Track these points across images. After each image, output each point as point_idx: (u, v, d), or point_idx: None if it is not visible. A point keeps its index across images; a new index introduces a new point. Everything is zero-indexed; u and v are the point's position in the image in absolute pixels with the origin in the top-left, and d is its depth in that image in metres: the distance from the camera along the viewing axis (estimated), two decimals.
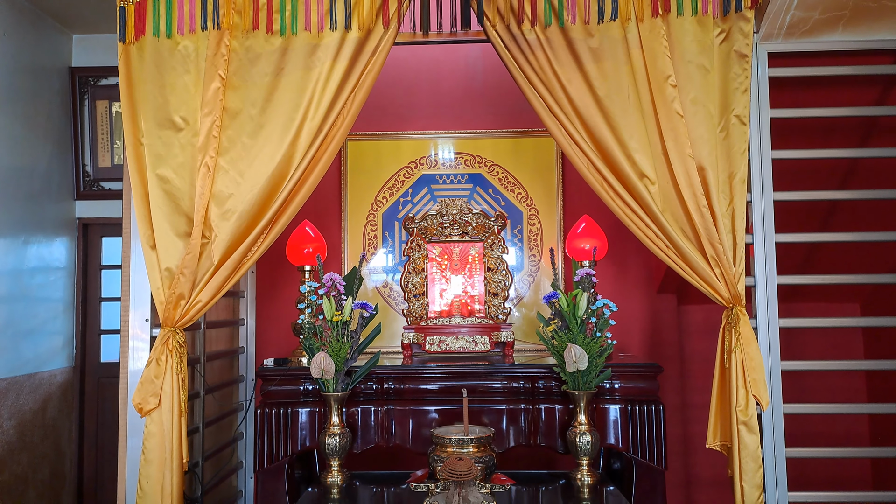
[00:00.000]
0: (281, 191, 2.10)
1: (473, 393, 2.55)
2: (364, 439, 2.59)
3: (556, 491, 2.43)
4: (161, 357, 2.06)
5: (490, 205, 3.35)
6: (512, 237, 3.33)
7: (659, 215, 2.07)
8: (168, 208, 2.09)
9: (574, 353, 2.35)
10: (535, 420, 2.57)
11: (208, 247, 2.08)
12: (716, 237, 2.05)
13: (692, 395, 3.23)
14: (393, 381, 2.65)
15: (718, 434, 2.14)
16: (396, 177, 3.38)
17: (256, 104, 2.11)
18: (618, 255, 3.23)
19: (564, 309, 2.45)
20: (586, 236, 2.79)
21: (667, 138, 2.07)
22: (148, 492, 2.02)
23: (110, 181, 4.07)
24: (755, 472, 2.02)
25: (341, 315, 2.47)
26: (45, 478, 3.90)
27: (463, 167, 3.37)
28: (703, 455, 3.15)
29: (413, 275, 2.97)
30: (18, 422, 3.66)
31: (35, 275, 3.84)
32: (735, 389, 2.03)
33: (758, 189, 2.17)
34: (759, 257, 2.17)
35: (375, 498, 2.41)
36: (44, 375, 3.88)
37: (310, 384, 2.63)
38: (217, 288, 2.10)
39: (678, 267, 2.11)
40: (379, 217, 3.37)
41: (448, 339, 2.86)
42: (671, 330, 3.25)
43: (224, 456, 2.88)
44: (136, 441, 2.13)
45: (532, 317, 3.27)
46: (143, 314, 2.21)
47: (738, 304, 2.08)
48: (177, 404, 2.06)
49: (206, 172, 2.07)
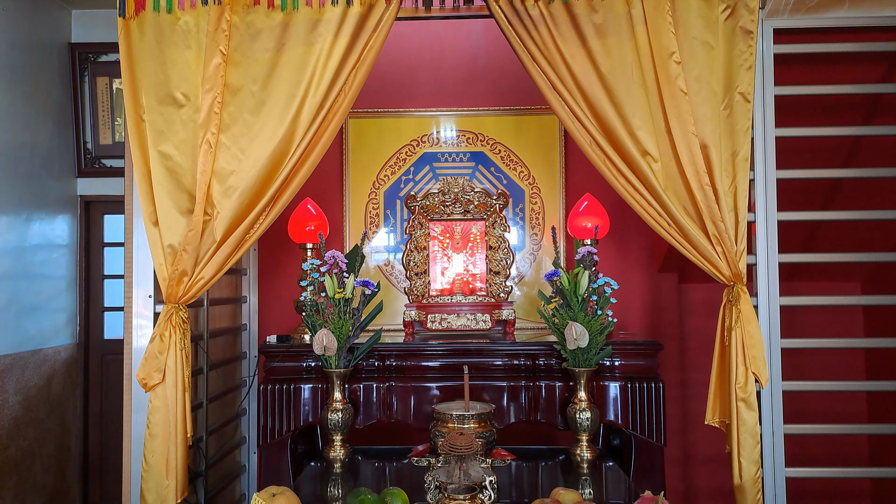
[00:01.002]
0: (283, 168, 2.10)
1: (475, 370, 2.57)
2: (366, 415, 2.62)
3: (555, 466, 2.46)
4: (164, 333, 2.08)
5: (492, 183, 3.34)
6: (514, 215, 3.33)
7: (661, 193, 2.07)
8: (170, 185, 2.09)
9: (575, 331, 2.37)
10: (536, 397, 2.60)
11: (210, 224, 2.08)
12: (718, 215, 2.05)
13: (692, 373, 3.25)
14: (395, 357, 2.67)
15: (717, 411, 2.16)
16: (398, 155, 3.37)
17: (258, 80, 2.10)
18: (619, 234, 3.23)
19: (566, 287, 2.46)
20: (588, 215, 2.79)
21: (670, 115, 2.06)
22: (153, 465, 2.05)
23: (112, 158, 4.06)
24: (753, 448, 2.04)
25: (343, 292, 2.48)
26: (51, 452, 3.95)
27: (465, 145, 3.36)
28: (701, 432, 3.19)
29: (415, 253, 2.98)
30: (24, 397, 3.70)
31: (38, 252, 3.85)
32: (735, 367, 2.05)
33: (760, 167, 2.16)
34: (761, 235, 2.17)
35: (377, 472, 2.44)
36: (48, 352, 3.91)
37: (312, 361, 2.65)
38: (220, 265, 2.11)
39: (680, 245, 2.11)
40: (381, 195, 3.36)
41: (449, 317, 2.87)
42: (672, 308, 3.26)
43: (227, 431, 2.92)
44: (140, 417, 2.15)
45: (533, 295, 3.28)
46: (146, 291, 2.22)
47: (738, 282, 2.08)
48: (180, 380, 2.08)
49: (207, 149, 2.06)
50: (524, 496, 2.17)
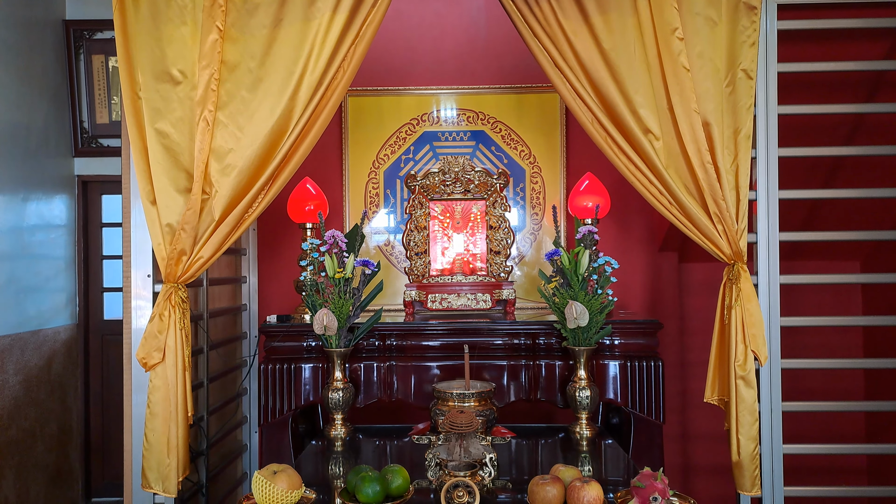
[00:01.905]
0: (281, 146, 2.08)
1: (475, 349, 2.57)
2: (367, 394, 2.63)
3: (555, 444, 2.48)
4: (164, 312, 2.07)
5: (493, 162, 3.32)
6: (514, 195, 3.31)
7: (663, 171, 2.06)
8: (167, 163, 2.07)
9: (575, 310, 2.37)
10: (536, 376, 2.61)
11: (209, 203, 2.07)
12: (719, 193, 2.04)
13: (691, 352, 3.26)
14: (395, 337, 2.67)
15: (716, 389, 2.17)
16: (398, 134, 3.34)
17: (255, 57, 2.07)
18: (620, 214, 3.22)
19: (566, 266, 2.45)
20: (589, 194, 2.77)
21: (672, 93, 2.04)
22: (154, 444, 2.06)
23: (109, 138, 4.03)
24: (751, 425, 2.06)
25: (343, 272, 2.47)
26: (52, 432, 3.97)
27: (465, 124, 3.33)
28: (699, 410, 3.21)
29: (415, 233, 2.97)
30: (24, 377, 3.71)
31: (35, 232, 3.84)
32: (734, 345, 2.05)
33: (762, 145, 2.15)
34: (762, 214, 2.16)
35: (378, 450, 2.46)
36: (48, 332, 3.92)
37: (313, 340, 2.65)
38: (218, 244, 2.10)
39: (680, 223, 2.10)
40: (381, 175, 3.34)
41: (450, 297, 2.87)
42: (672, 288, 3.26)
43: (228, 410, 2.93)
44: (141, 397, 2.15)
45: (533, 275, 3.28)
46: (144, 270, 2.21)
47: (739, 260, 2.08)
48: (181, 359, 2.08)
49: (205, 127, 2.04)
50: (524, 473, 2.18)
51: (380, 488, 1.68)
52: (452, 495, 1.71)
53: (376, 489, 1.67)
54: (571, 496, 1.63)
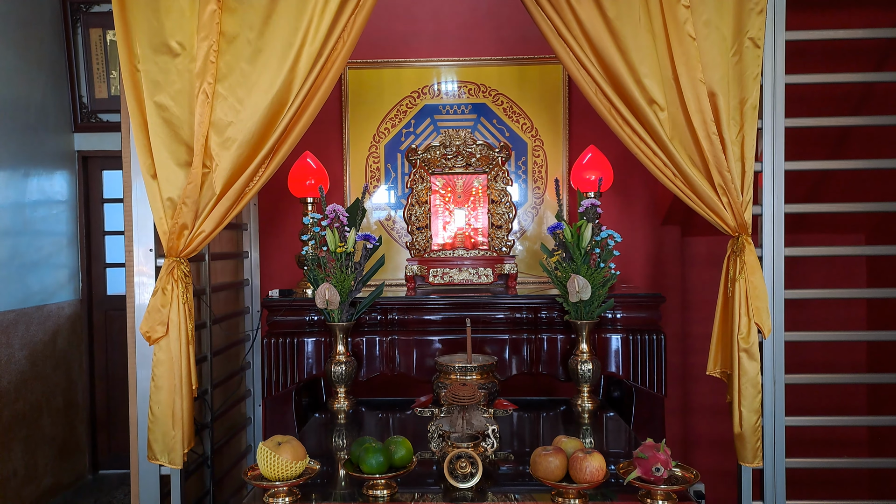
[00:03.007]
0: (281, 119, 2.05)
1: (476, 324, 2.57)
2: (369, 368, 2.64)
3: (556, 416, 2.49)
4: (167, 287, 2.07)
5: (494, 136, 3.29)
6: (516, 169, 3.29)
7: (667, 143, 2.03)
8: (167, 137, 2.05)
9: (577, 284, 2.36)
10: (538, 349, 2.61)
11: (210, 176, 2.05)
12: (724, 165, 2.01)
13: (693, 326, 3.26)
14: (397, 311, 2.68)
15: (719, 361, 2.17)
16: (399, 107, 3.31)
17: (254, 28, 2.03)
18: (623, 187, 3.20)
19: (568, 240, 2.44)
20: (592, 167, 2.75)
21: (678, 62, 2.00)
22: (159, 417, 2.07)
23: (108, 113, 4.00)
24: (754, 397, 2.06)
25: (345, 247, 2.47)
26: (59, 406, 4.01)
27: (466, 97, 3.29)
28: (701, 384, 3.22)
29: (416, 207, 2.95)
30: (30, 352, 3.73)
31: (37, 208, 3.84)
32: (738, 317, 2.04)
33: (769, 115, 2.11)
34: (768, 185, 2.13)
35: (381, 423, 2.48)
36: (52, 308, 3.94)
37: (315, 315, 2.66)
38: (220, 218, 2.09)
39: (685, 196, 2.08)
40: (381, 149, 3.32)
41: (451, 272, 2.87)
42: (674, 262, 3.25)
43: (232, 384, 2.95)
44: (145, 372, 2.16)
45: (535, 250, 3.27)
46: (146, 245, 2.20)
47: (744, 232, 2.06)
48: (184, 333, 2.08)
49: (204, 100, 2.01)
50: (526, 445, 2.20)
51: (383, 459, 1.69)
52: (455, 466, 1.72)
53: (380, 460, 1.68)
54: (574, 467, 1.63)
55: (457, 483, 1.71)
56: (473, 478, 1.71)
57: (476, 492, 1.71)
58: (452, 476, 1.72)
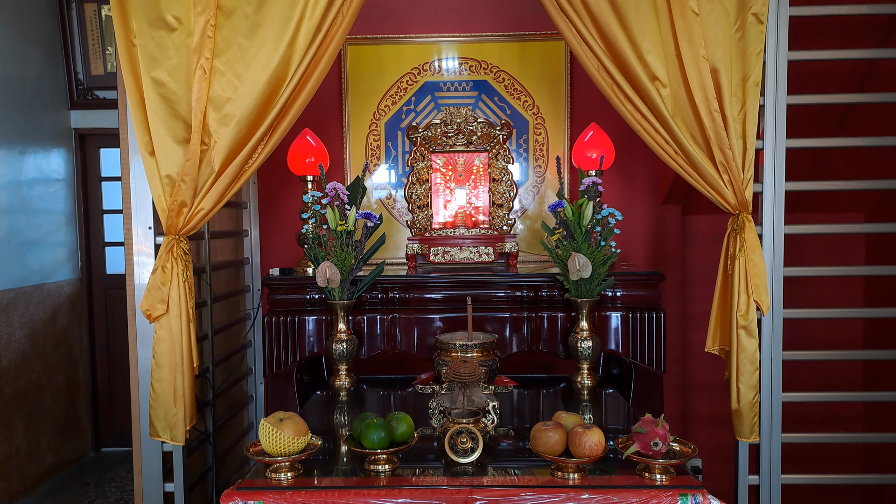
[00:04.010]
0: (280, 95, 2.04)
1: (477, 302, 2.58)
2: (370, 346, 2.66)
3: (556, 393, 2.51)
4: (167, 265, 2.07)
5: (495, 113, 3.26)
6: (517, 147, 3.27)
7: (669, 120, 2.02)
8: (165, 113, 2.04)
9: (578, 262, 2.37)
10: (538, 327, 2.62)
11: (208, 153, 2.04)
12: (726, 142, 2.00)
13: (692, 304, 3.28)
14: (398, 290, 2.68)
15: (718, 338, 2.18)
16: (399, 84, 3.28)
17: (251, 1, 2.00)
18: (624, 165, 3.19)
19: (569, 218, 2.44)
20: (594, 145, 2.74)
21: (680, 38, 1.98)
22: (160, 394, 2.08)
23: (104, 90, 3.96)
24: (752, 374, 2.07)
25: (345, 225, 2.46)
26: (60, 384, 4.03)
27: (467, 73, 3.26)
28: (700, 361, 3.24)
29: (417, 186, 2.94)
30: (30, 331, 3.74)
31: (34, 186, 3.82)
32: (737, 295, 2.05)
33: (771, 92, 2.10)
34: (769, 163, 2.13)
35: (382, 400, 2.49)
36: (51, 286, 3.94)
37: (316, 293, 2.66)
38: (219, 196, 2.08)
39: (686, 173, 2.07)
40: (381, 126, 3.29)
41: (452, 250, 2.87)
42: (674, 240, 3.25)
43: (234, 362, 2.96)
44: (146, 351, 2.17)
45: (536, 228, 3.27)
46: (145, 222, 2.20)
47: (744, 210, 2.06)
48: (184, 310, 2.08)
49: (202, 75, 1.99)
50: (526, 421, 2.22)
51: (384, 434, 1.70)
52: (456, 441, 1.74)
53: (381, 435, 1.70)
54: (573, 441, 1.65)
55: (457, 458, 1.73)
56: (474, 453, 1.73)
57: (476, 466, 1.73)
58: (453, 451, 1.74)
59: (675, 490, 1.56)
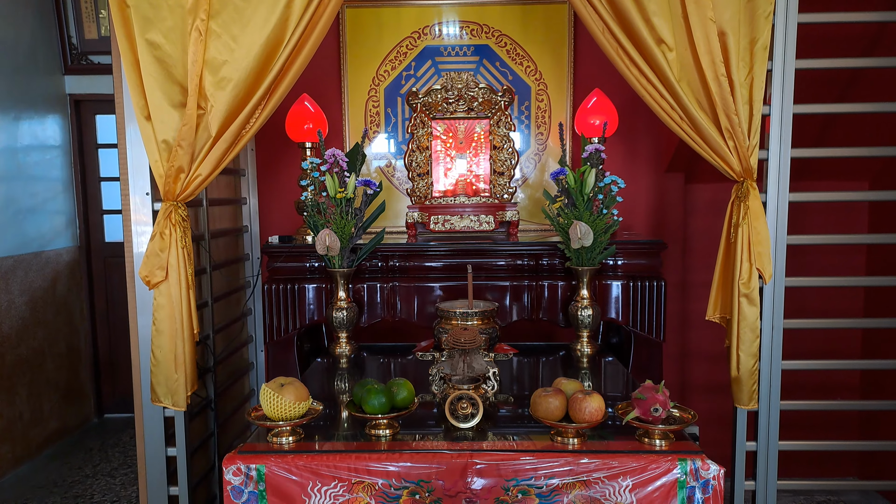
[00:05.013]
0: (277, 58, 1.99)
1: (477, 270, 2.57)
2: (370, 314, 2.65)
3: (556, 361, 2.52)
4: (165, 231, 2.05)
5: (497, 79, 3.21)
6: (519, 114, 3.22)
7: (675, 85, 1.98)
8: (160, 76, 1.99)
9: (579, 230, 2.35)
10: (538, 296, 2.62)
11: (205, 118, 2.00)
12: (732, 108, 1.97)
13: (693, 273, 3.27)
14: (398, 258, 2.67)
15: (719, 307, 2.17)
16: (398, 49, 3.21)
17: None
18: (627, 133, 3.15)
19: (572, 185, 2.41)
20: (597, 111, 2.69)
21: (688, 0, 1.93)
22: (161, 361, 2.09)
23: (99, 54, 3.90)
24: (752, 342, 2.07)
25: (345, 192, 2.44)
26: (61, 351, 4.05)
27: (469, 38, 3.20)
28: (699, 330, 3.25)
29: (417, 153, 2.91)
30: (30, 298, 3.74)
31: (30, 153, 3.78)
32: (739, 263, 2.04)
33: (779, 56, 2.05)
34: (775, 129, 2.09)
35: (382, 367, 2.50)
36: (50, 254, 3.92)
37: (315, 261, 2.65)
38: (217, 161, 2.05)
39: (690, 140, 2.04)
40: (381, 92, 3.24)
41: (453, 219, 2.85)
42: (677, 209, 3.23)
43: (234, 330, 2.97)
44: (146, 319, 2.16)
45: (537, 197, 3.24)
46: (143, 188, 2.17)
47: (749, 177, 2.03)
48: (184, 277, 2.07)
49: (197, 37, 1.94)
50: (525, 389, 2.22)
51: (385, 400, 1.71)
52: (456, 407, 1.75)
53: (382, 401, 1.70)
54: (573, 407, 1.66)
55: (458, 423, 1.74)
56: (474, 418, 1.74)
57: (476, 432, 1.74)
58: (453, 416, 1.74)
59: (674, 455, 1.57)
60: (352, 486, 1.58)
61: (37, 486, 3.46)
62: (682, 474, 1.56)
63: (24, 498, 3.34)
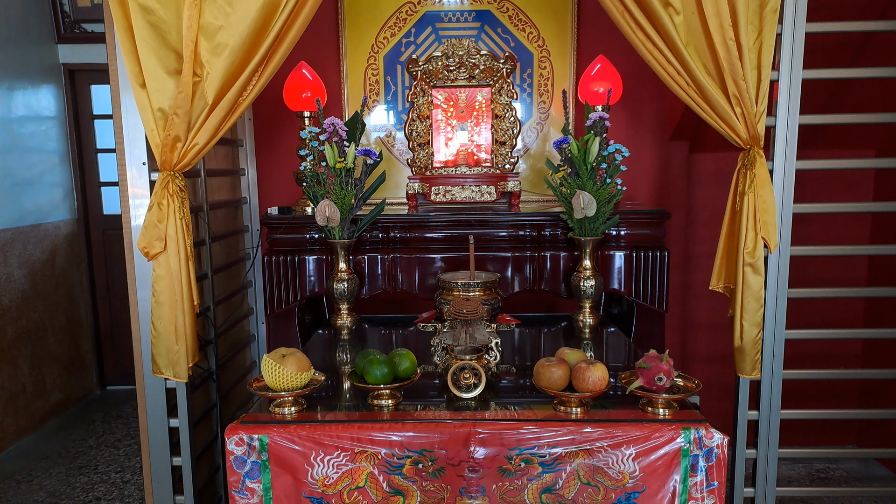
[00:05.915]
0: (274, 23, 1.94)
1: (479, 241, 2.55)
2: (371, 286, 2.64)
3: (558, 331, 2.51)
4: (162, 201, 2.02)
5: (499, 46, 3.14)
6: (521, 82, 3.16)
7: (682, 49, 1.93)
8: (155, 42, 1.94)
9: (582, 200, 2.32)
10: (541, 267, 2.60)
11: (201, 85, 1.96)
12: (739, 73, 1.92)
13: (696, 244, 3.24)
14: (399, 229, 2.64)
15: (723, 276, 2.15)
16: (398, 14, 3.14)
17: None
18: (631, 102, 3.09)
19: (575, 154, 2.38)
20: (601, 78, 2.64)
21: None
22: (162, 332, 2.07)
23: (92, 22, 3.82)
24: (756, 311, 2.06)
25: (344, 162, 2.40)
26: (62, 324, 4.05)
27: (470, 3, 3.12)
28: (701, 300, 3.24)
29: (417, 122, 2.86)
30: (29, 271, 3.72)
31: (24, 124, 3.73)
32: (744, 232, 2.01)
33: (790, 19, 2.00)
34: (783, 95, 2.05)
35: (384, 338, 2.49)
36: (48, 227, 3.90)
37: (315, 232, 2.62)
38: (213, 130, 2.01)
39: (697, 106, 2.00)
40: (380, 60, 3.17)
41: (454, 189, 2.81)
42: (681, 178, 3.19)
43: (235, 301, 2.95)
44: (145, 293, 2.14)
45: (539, 168, 3.20)
46: (139, 158, 2.13)
47: (756, 145, 2.00)
48: (183, 248, 2.05)
49: (192, 1, 1.89)
50: (527, 359, 2.22)
51: (388, 370, 1.70)
52: (459, 377, 1.74)
53: (384, 371, 1.70)
54: (577, 377, 1.65)
55: (460, 393, 1.73)
56: (476, 388, 1.73)
57: (479, 402, 1.73)
58: (456, 387, 1.74)
59: (678, 424, 1.57)
60: (354, 455, 1.58)
61: (41, 458, 3.49)
62: (685, 443, 1.55)
63: (28, 469, 3.37)
